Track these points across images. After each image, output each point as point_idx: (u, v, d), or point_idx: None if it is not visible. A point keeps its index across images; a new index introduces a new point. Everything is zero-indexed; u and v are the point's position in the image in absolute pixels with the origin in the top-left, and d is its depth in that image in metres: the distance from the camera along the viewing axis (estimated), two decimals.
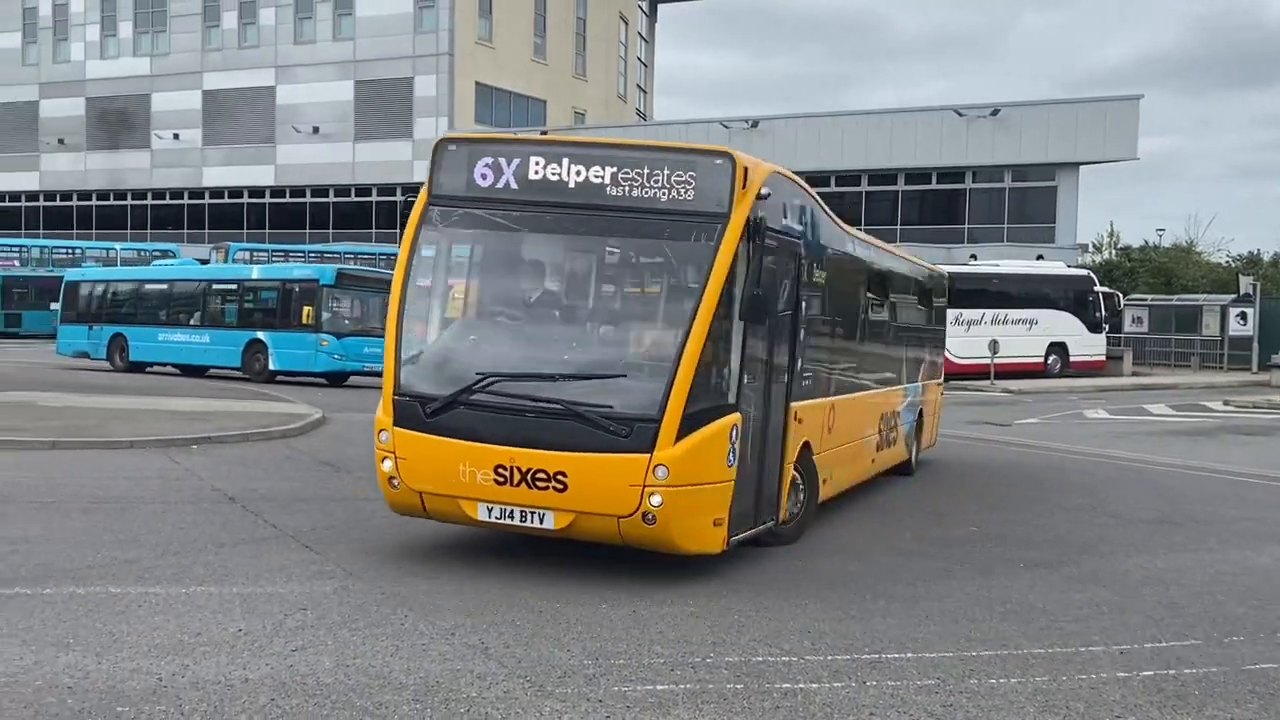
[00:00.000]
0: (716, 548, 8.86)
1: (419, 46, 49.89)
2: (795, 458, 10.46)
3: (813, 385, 11.25)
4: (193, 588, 8.31)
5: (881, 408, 14.28)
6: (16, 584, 8.19)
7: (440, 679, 6.37)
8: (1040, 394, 31.17)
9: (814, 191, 11.44)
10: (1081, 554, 10.84)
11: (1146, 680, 6.88)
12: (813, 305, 11.16)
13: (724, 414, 8.72)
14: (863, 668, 6.91)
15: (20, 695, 5.84)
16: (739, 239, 8.67)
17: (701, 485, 8.57)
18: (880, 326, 14.73)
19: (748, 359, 9.10)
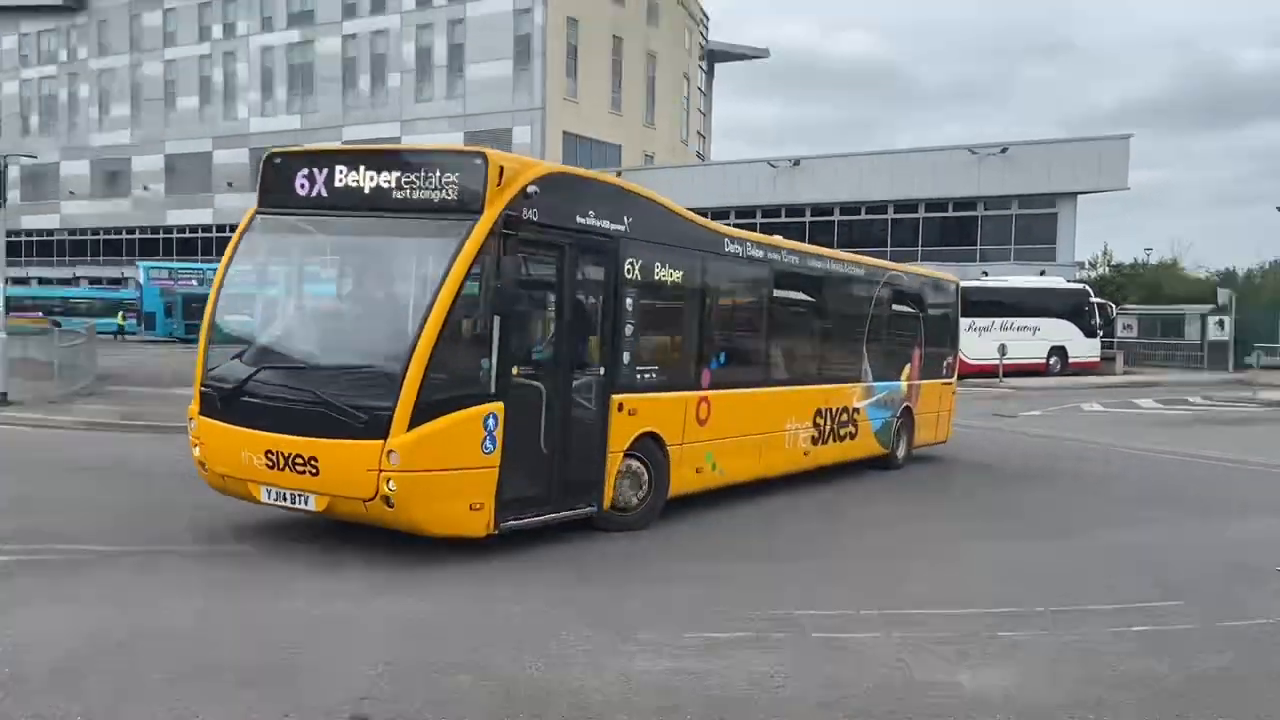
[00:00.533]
0: (478, 531, 7.90)
1: (517, 103, 50.20)
2: (628, 447, 9.31)
3: (659, 378, 9.86)
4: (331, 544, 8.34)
5: (817, 403, 12.48)
6: (184, 543, 8.33)
7: (535, 622, 6.39)
8: (1043, 390, 30.69)
9: (654, 195, 10.14)
10: (1078, 526, 10.63)
11: (1134, 634, 6.74)
12: (649, 302, 9.86)
13: (474, 403, 7.74)
14: (893, 620, 6.82)
15: (195, 633, 5.94)
16: (487, 235, 7.72)
17: (444, 471, 7.63)
18: (807, 327, 13.01)
19: (516, 352, 8.09)
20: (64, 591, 6.81)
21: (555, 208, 8.45)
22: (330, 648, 5.82)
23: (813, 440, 12.45)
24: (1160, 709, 5.41)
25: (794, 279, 12.50)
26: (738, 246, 11.27)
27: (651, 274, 9.74)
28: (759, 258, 11.64)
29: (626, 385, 9.33)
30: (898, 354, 14.63)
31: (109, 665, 5.40)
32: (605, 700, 5.19)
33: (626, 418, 9.27)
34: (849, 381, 13.33)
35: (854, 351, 13.58)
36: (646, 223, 9.68)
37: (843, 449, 13.18)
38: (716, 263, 10.85)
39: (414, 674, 5.46)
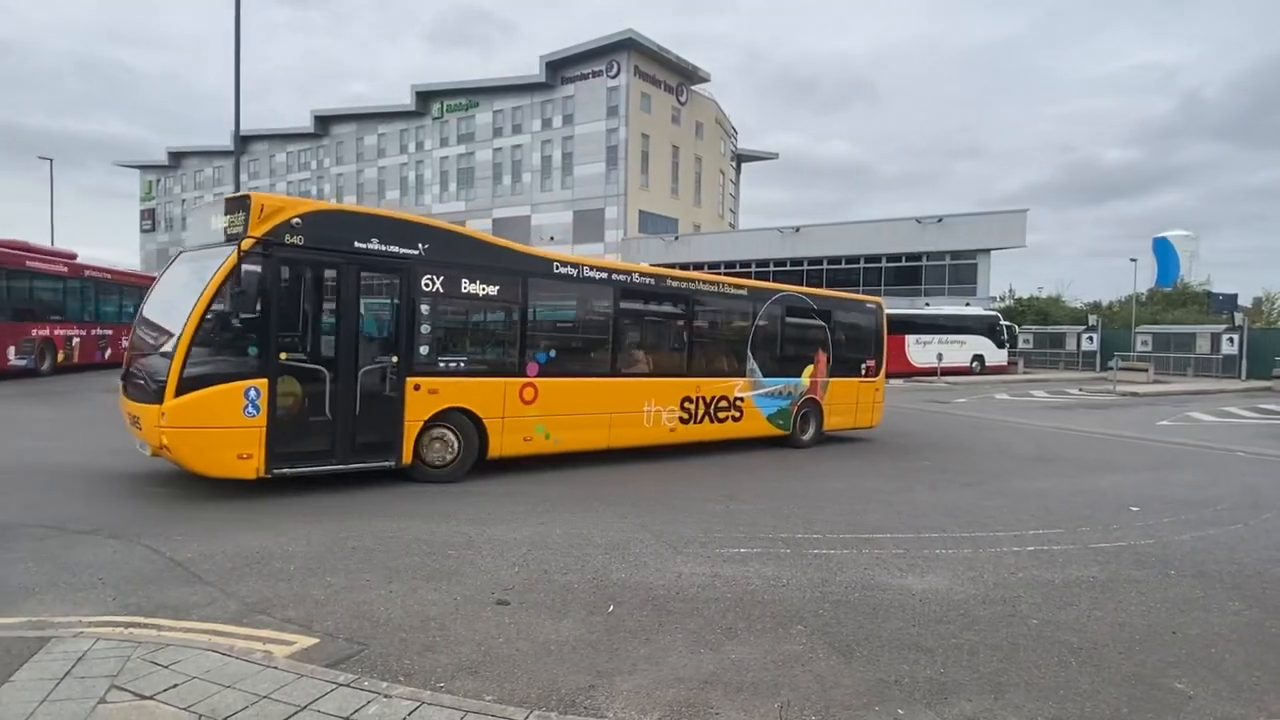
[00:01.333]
0: (249, 474, 7.33)
1: (608, 191, 50.37)
2: (431, 418, 8.55)
3: (471, 366, 8.96)
4: (488, 488, 8.43)
5: (684, 392, 11.20)
6: (394, 481, 8.40)
7: (618, 541, 6.42)
8: (967, 385, 29.94)
9: (466, 230, 9.31)
10: (991, 478, 10.35)
11: (1030, 552, 6.56)
12: (458, 308, 8.99)
13: (235, 380, 7.19)
14: (860, 542, 6.74)
15: (398, 543, 6.06)
16: (242, 257, 7.20)
17: (206, 428, 7.13)
18: (667, 332, 11.51)
19: (287, 341, 7.56)
20: (316, 511, 7.01)
21: (328, 235, 7.81)
22: (482, 558, 5.92)
23: (681, 420, 11.20)
24: (1049, 601, 5.28)
25: (647, 295, 11.08)
26: (571, 269, 10.09)
27: (458, 287, 8.83)
28: (600, 279, 10.37)
29: (425, 371, 8.53)
30: (796, 356, 13.02)
31: (343, 563, 5.55)
32: (666, 592, 5.22)
33: (426, 395, 8.53)
34: (728, 376, 11.90)
35: (734, 352, 12.09)
36: (449, 249, 8.80)
37: (725, 429, 11.80)
38: (544, 280, 9.79)
39: (538, 575, 5.53)
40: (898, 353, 32.42)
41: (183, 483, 8.00)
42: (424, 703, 3.46)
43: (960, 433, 15.65)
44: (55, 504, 6.98)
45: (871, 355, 14.47)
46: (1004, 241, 39.52)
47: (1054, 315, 48.30)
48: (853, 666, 4.16)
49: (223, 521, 6.55)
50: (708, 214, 57.93)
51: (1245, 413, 20.85)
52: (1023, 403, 23.10)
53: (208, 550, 5.70)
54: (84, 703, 3.34)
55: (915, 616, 4.94)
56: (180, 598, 4.74)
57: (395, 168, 60.85)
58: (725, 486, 9.14)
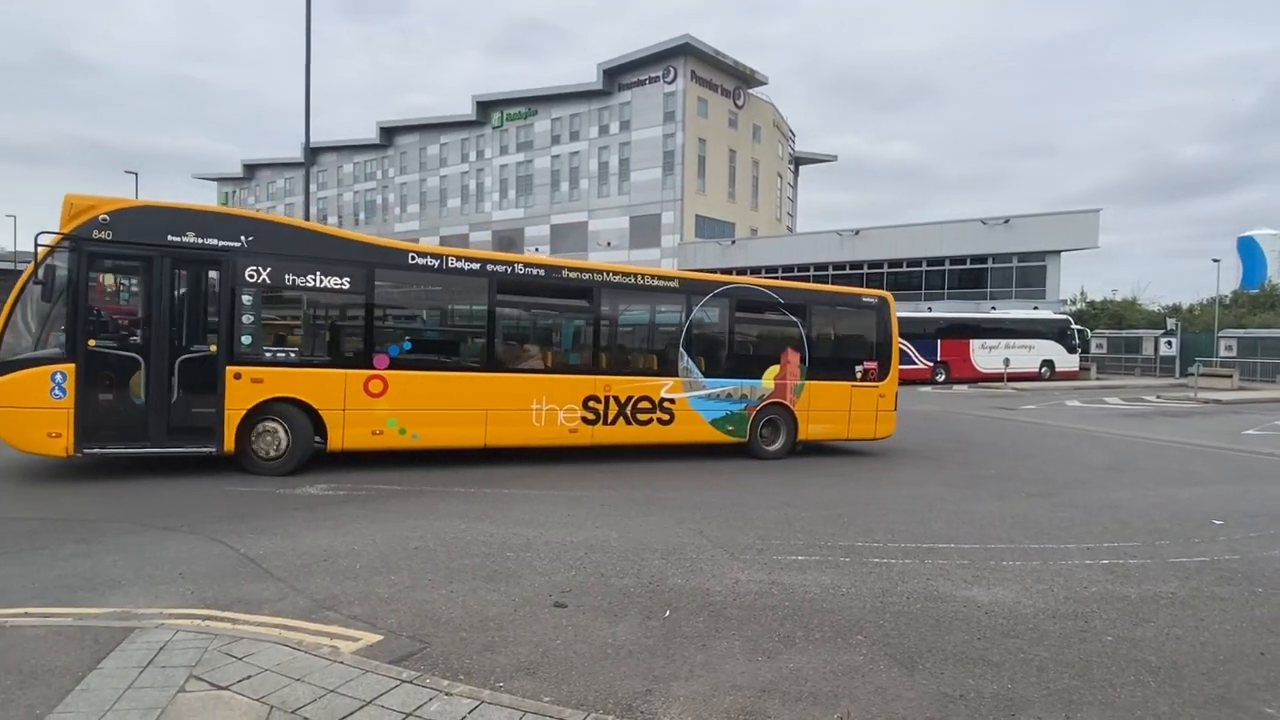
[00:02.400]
0: (59, 452, 7.71)
1: (664, 196, 50.44)
2: (254, 408, 8.50)
3: (304, 357, 8.89)
4: (545, 491, 8.58)
5: (588, 390, 10.43)
6: (456, 486, 8.59)
7: (674, 546, 6.41)
8: (1036, 391, 28.98)
9: (298, 222, 9.27)
10: (1062, 488, 9.98)
11: (1103, 566, 6.31)
12: (289, 299, 8.94)
13: (41, 365, 7.61)
14: (923, 551, 6.58)
15: (459, 542, 6.17)
16: (50, 252, 7.65)
17: (15, 408, 7.60)
18: (567, 327, 10.97)
19: (96, 329, 7.88)
20: (381, 514, 7.17)
21: (139, 230, 8.03)
22: (540, 560, 5.98)
23: (586, 421, 10.44)
24: (1124, 617, 5.07)
25: (536, 287, 10.32)
26: (432, 260, 9.56)
27: (288, 279, 8.76)
28: (471, 270, 9.77)
29: (248, 360, 8.52)
30: (754, 356, 11.86)
31: (406, 562, 5.68)
32: (723, 598, 5.18)
33: (248, 384, 8.50)
34: (652, 375, 10.96)
35: (660, 350, 11.25)
36: (278, 241, 8.73)
37: (650, 432, 10.87)
38: (398, 271, 9.42)
39: (595, 578, 5.56)
40: (962, 358, 31.62)
41: (260, 483, 8.31)
42: (483, 701, 3.52)
43: (1028, 440, 15.15)
44: (140, 502, 7.33)
45: (872, 356, 12.64)
46: (1075, 243, 38.19)
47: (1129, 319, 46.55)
48: (915, 679, 4.06)
49: (294, 521, 6.78)
50: (765, 217, 57.50)
51: None
52: (1096, 410, 22.24)
53: (279, 548, 5.90)
54: (165, 691, 3.49)
55: (981, 629, 4.80)
56: (253, 592, 4.93)
57: (456, 176, 62.15)
58: (784, 493, 9.03)
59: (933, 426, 17.08)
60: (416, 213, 64.95)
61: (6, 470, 8.54)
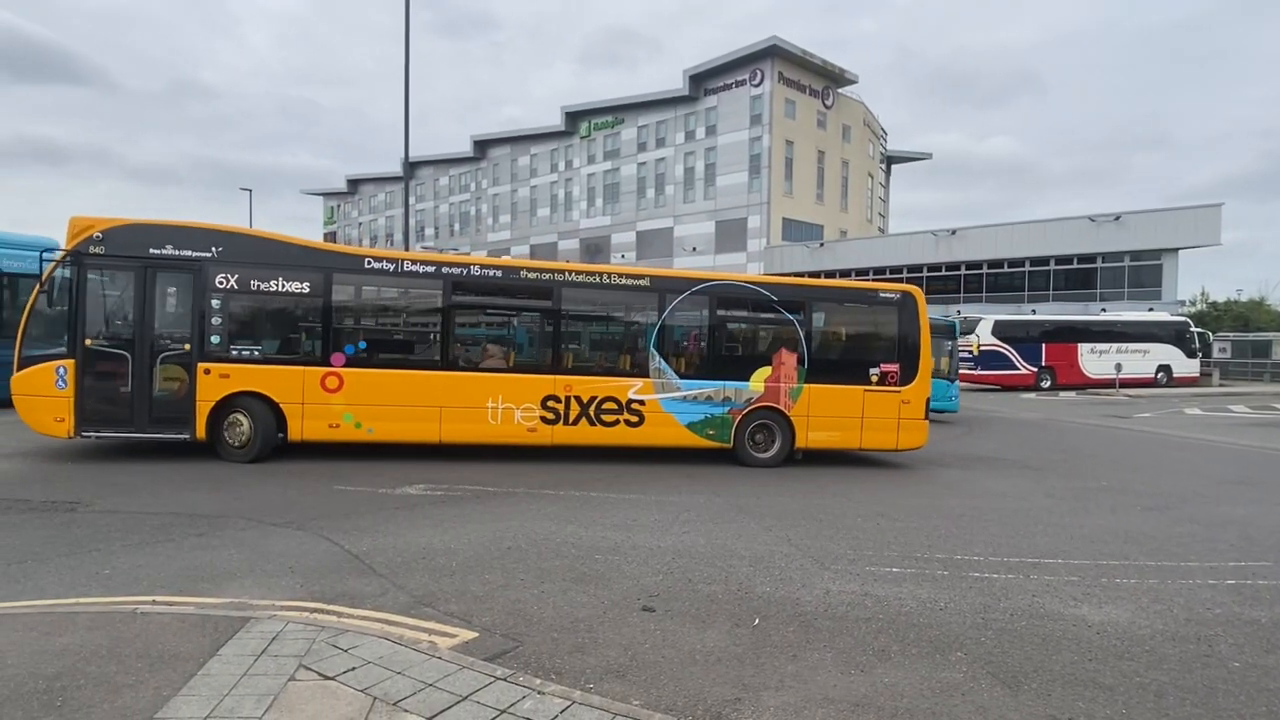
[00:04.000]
0: (62, 434, 9.21)
1: (750, 200, 50.02)
2: (222, 400, 9.49)
3: (266, 354, 9.69)
4: (630, 495, 8.60)
5: (548, 390, 10.37)
6: (545, 489, 8.68)
7: (762, 554, 6.34)
8: (1151, 397, 27.19)
9: (264, 232, 9.89)
10: (1181, 502, 9.33)
11: (1229, 586, 5.86)
12: (253, 303, 9.71)
13: (49, 360, 9.14)
14: (1027, 567, 6.28)
15: (549, 545, 6.29)
16: (56, 266, 9.13)
17: (31, 396, 9.16)
18: (523, 326, 11.02)
19: (93, 331, 9.22)
20: (475, 515, 7.38)
21: (127, 245, 9.30)
22: (628, 564, 6.02)
23: (545, 420, 10.39)
24: (1253, 642, 4.69)
25: (492, 288, 10.49)
26: (388, 264, 10.04)
27: (253, 284, 9.67)
28: (425, 272, 10.13)
29: (216, 357, 9.55)
30: (742, 357, 11.32)
31: (500, 562, 5.83)
32: (813, 609, 5.09)
33: (217, 379, 9.52)
34: (620, 375, 10.68)
35: (628, 349, 10.99)
36: (245, 251, 9.67)
37: (617, 434, 10.60)
38: (354, 275, 10.02)
39: (682, 584, 5.55)
40: (1069, 363, 29.98)
41: (363, 483, 8.70)
42: (575, 702, 3.57)
43: (1143, 450, 14.22)
44: (253, 499, 7.79)
45: (893, 358, 11.47)
46: (1194, 240, 35.68)
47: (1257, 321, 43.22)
48: (1020, 700, 3.87)
49: (394, 520, 7.06)
50: (855, 219, 56.22)
51: None
52: (1219, 418, 20.68)
53: (380, 545, 6.16)
54: (277, 679, 3.70)
55: (1092, 650, 4.54)
56: (357, 587, 5.16)
57: (546, 186, 63.47)
58: (876, 502, 8.79)
59: (1036, 435, 16.27)
60: (508, 223, 66.66)
61: (136, 469, 9.24)
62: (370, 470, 9.43)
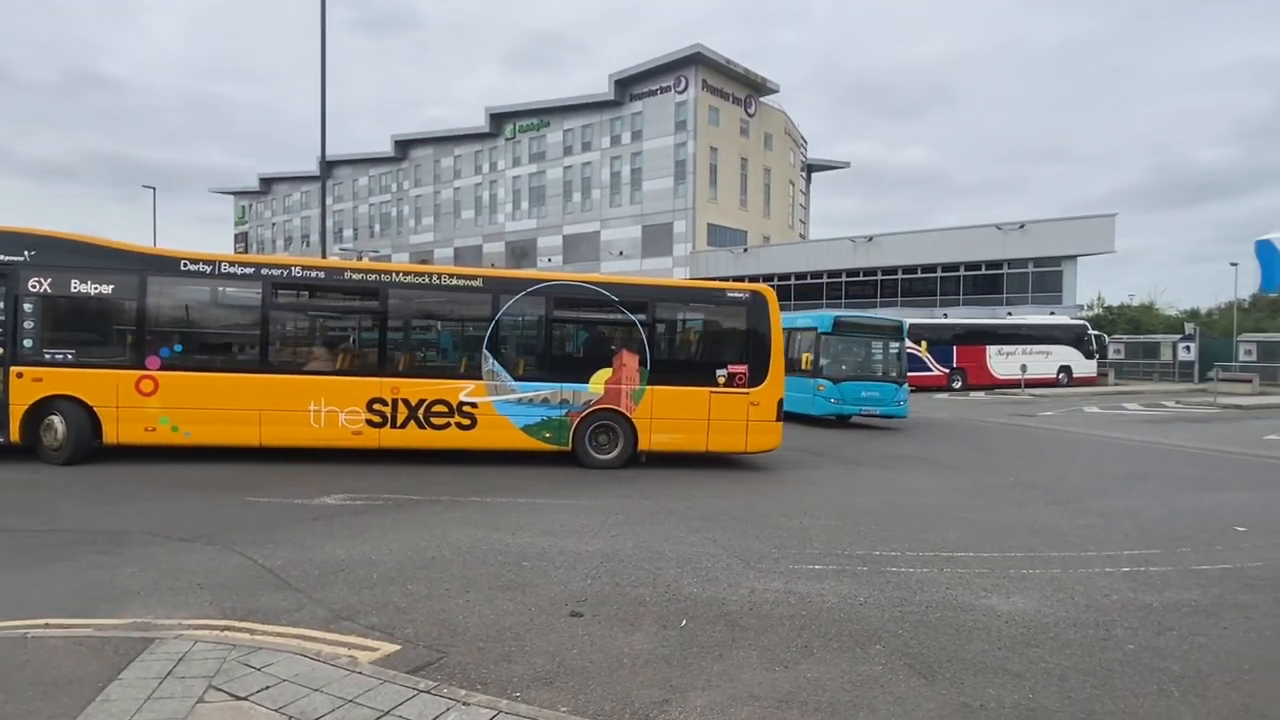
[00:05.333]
0: None
1: (676, 205, 50.53)
2: (34, 402, 9.50)
3: (80, 358, 9.66)
4: (558, 500, 8.57)
5: (373, 393, 10.24)
6: (471, 495, 8.60)
7: (689, 555, 6.39)
8: (1054, 397, 28.69)
9: (77, 236, 9.84)
10: (1081, 496, 9.87)
11: (1124, 574, 6.24)
12: (68, 306, 9.66)
13: None
14: (941, 560, 6.53)
15: (474, 553, 6.19)
16: None
17: None
18: (345, 328, 10.96)
19: None
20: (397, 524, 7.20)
21: None
22: (555, 570, 5.98)
23: (372, 424, 10.26)
24: (1146, 626, 5.00)
25: (314, 289, 10.45)
26: (204, 266, 9.97)
27: (68, 287, 9.66)
28: (243, 274, 10.07)
29: (29, 360, 9.59)
30: (581, 358, 11.24)
31: (423, 572, 5.69)
32: (739, 608, 5.16)
33: (30, 383, 9.57)
34: (451, 378, 10.57)
35: (460, 351, 10.94)
36: (58, 254, 9.68)
37: (449, 437, 10.48)
38: (170, 277, 9.90)
39: (611, 588, 5.55)
40: (978, 364, 31.41)
41: (278, 494, 8.36)
42: (501, 711, 3.52)
43: (1047, 447, 15.00)
44: (159, 514, 7.39)
45: (742, 359, 11.21)
46: (1091, 247, 37.91)
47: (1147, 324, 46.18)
48: (935, 689, 4.02)
49: (311, 531, 6.81)
50: (777, 225, 57.47)
51: None
52: (1114, 416, 21.99)
53: (297, 558, 5.93)
54: (184, 701, 3.51)
55: (1001, 639, 4.75)
56: (272, 603, 4.95)
57: (470, 188, 62.56)
58: (801, 502, 8.99)
59: (948, 434, 16.95)
60: (431, 225, 65.38)
61: (27, 484, 8.64)
62: (286, 480, 9.10)
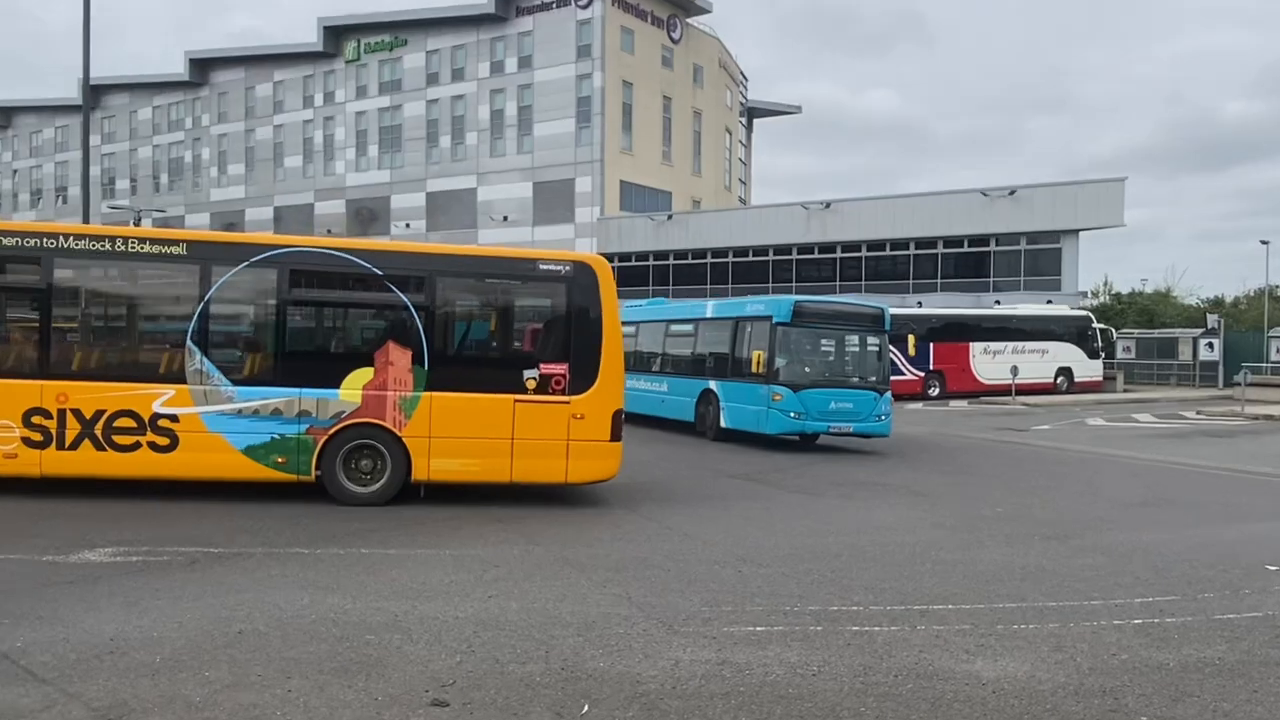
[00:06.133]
0: None
1: (579, 156, 50.63)
2: None
3: None
4: (416, 550, 8.45)
5: (33, 401, 9.90)
6: (295, 546, 8.41)
7: (595, 619, 6.38)
8: (1051, 406, 30.18)
9: None
10: (1084, 529, 10.40)
11: (1136, 627, 6.60)
12: None
13: None
14: (914, 615, 6.75)
15: (301, 625, 6.02)
16: None
17: None
18: None
19: None
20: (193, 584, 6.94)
21: None
22: (413, 644, 5.87)
23: (29, 443, 9.89)
24: (1162, 692, 5.30)
25: None
26: None
27: None
28: None
29: None
30: (329, 354, 11.08)
31: (227, 652, 5.48)
32: (659, 686, 5.18)
33: None
34: (140, 380, 10.22)
35: (156, 344, 10.74)
36: None
37: (135, 461, 10.07)
38: None
39: (489, 666, 5.48)
40: (960, 366, 32.63)
41: (19, 549, 7.91)
42: None
43: (1042, 469, 15.74)
44: None
45: (561, 356, 10.70)
46: (1096, 220, 39.99)
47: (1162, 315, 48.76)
48: None
49: (67, 599, 6.48)
50: (710, 185, 58.40)
51: None
52: (1123, 430, 23.29)
53: (45, 638, 5.63)
54: None
55: (988, 712, 4.94)
56: (8, 701, 4.68)
57: (297, 126, 60.93)
58: (738, 544, 9.13)
59: (924, 454, 17.57)
60: (241, 175, 63.33)
61: None
62: (32, 525, 8.66)
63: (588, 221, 50.25)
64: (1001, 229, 41.54)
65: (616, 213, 50.59)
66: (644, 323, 22.56)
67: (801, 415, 16.81)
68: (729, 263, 47.63)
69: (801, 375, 17.12)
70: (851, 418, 17.13)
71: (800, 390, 16.81)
